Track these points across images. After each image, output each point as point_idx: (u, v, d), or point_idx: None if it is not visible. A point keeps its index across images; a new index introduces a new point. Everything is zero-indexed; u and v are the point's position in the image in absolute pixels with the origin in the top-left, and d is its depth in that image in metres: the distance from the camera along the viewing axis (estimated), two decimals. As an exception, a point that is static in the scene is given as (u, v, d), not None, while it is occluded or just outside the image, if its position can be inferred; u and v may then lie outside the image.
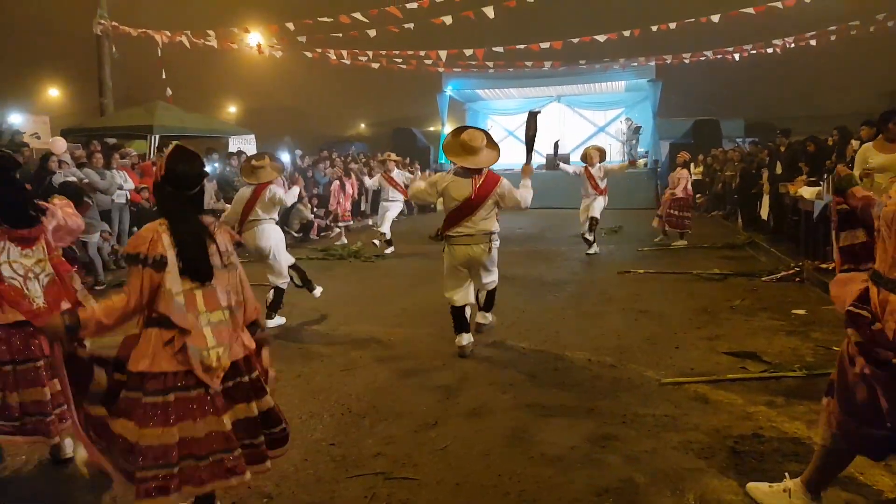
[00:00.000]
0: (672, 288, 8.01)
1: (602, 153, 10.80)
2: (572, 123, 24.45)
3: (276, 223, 6.65)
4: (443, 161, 24.00)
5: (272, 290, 6.56)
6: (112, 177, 9.54)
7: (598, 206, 10.54)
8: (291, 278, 6.85)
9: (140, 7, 19.27)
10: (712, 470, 3.40)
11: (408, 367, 5.21)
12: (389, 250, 11.32)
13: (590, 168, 10.53)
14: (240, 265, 2.86)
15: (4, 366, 3.37)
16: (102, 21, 15.15)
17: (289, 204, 7.04)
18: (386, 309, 7.22)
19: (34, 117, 16.42)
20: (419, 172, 13.92)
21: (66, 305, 3.49)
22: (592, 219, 10.61)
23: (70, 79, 31.69)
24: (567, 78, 21.57)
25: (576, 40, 16.36)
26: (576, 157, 21.82)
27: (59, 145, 9.67)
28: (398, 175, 11.46)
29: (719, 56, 17.90)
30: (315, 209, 14.06)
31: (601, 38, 16.12)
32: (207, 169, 9.24)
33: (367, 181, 12.43)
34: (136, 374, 2.58)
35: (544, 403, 4.36)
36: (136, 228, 10.12)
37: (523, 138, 5.94)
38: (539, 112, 5.93)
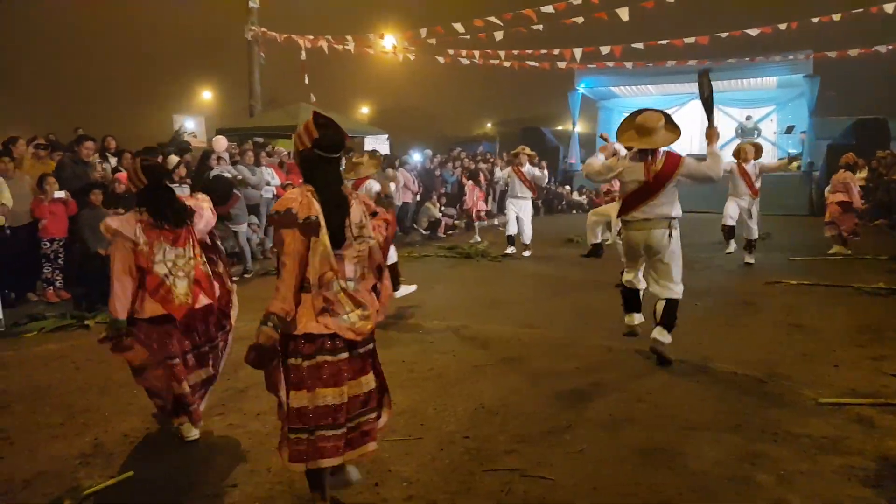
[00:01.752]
0: (828, 301, 7.35)
1: (758, 149, 9.90)
2: (716, 122, 23.11)
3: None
4: (572, 160, 23.61)
5: None
6: (261, 173, 10.23)
7: (741, 209, 9.77)
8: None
9: (285, 14, 20.46)
10: (882, 501, 3.08)
11: (539, 368, 5.15)
12: (510, 249, 11.10)
13: (743, 164, 9.65)
14: (373, 241, 2.88)
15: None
16: (253, 28, 16.28)
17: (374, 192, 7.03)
18: (517, 310, 7.18)
19: (192, 118, 17.99)
20: (547, 171, 13.67)
21: (205, 301, 3.77)
22: (728, 227, 9.93)
23: (220, 82, 34.37)
24: (712, 73, 20.43)
25: (724, 35, 15.39)
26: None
27: (221, 143, 10.54)
28: (529, 171, 11.05)
29: (890, 47, 16.14)
30: (443, 208, 14.30)
31: (753, 32, 15.07)
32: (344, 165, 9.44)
33: (497, 172, 12.32)
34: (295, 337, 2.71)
35: (685, 415, 4.15)
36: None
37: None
38: (710, 69, 5.57)
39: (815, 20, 14.45)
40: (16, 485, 3.35)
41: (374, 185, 6.77)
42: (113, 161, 8.80)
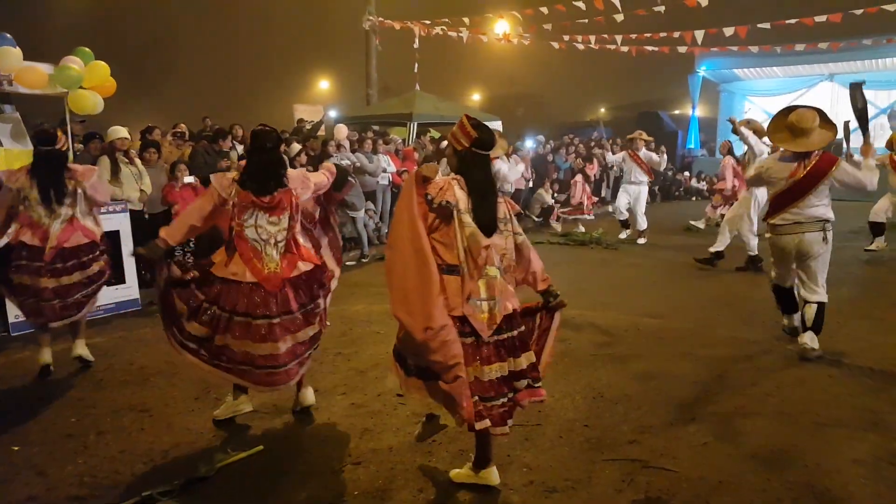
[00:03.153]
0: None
1: None
2: (848, 106, 21.45)
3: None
4: (690, 146, 22.69)
5: None
6: (378, 160, 10.59)
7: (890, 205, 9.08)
8: None
9: (399, 1, 20.88)
10: None
11: (660, 358, 5.11)
12: (623, 234, 10.95)
13: (895, 155, 9.00)
14: (522, 236, 3.11)
15: (237, 316, 3.55)
16: (370, 17, 16.77)
17: (511, 180, 7.07)
18: (634, 298, 7.11)
19: (310, 107, 18.75)
20: (665, 156, 13.25)
21: (295, 272, 3.69)
22: (874, 224, 9.31)
23: (338, 71, 35.65)
24: (844, 54, 18.93)
25: (859, 12, 14.25)
26: (855, 144, 19.24)
27: (342, 132, 11.03)
28: (645, 155, 10.82)
29: None
30: (556, 194, 14.21)
31: (891, 7, 13.85)
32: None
33: (610, 156, 12.09)
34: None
35: (818, 412, 4.01)
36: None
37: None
38: (863, 83, 5.28)
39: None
40: (155, 454, 3.57)
41: (503, 166, 6.77)
42: (240, 149, 9.22)
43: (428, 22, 16.22)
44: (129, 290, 6.88)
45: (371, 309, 6.65)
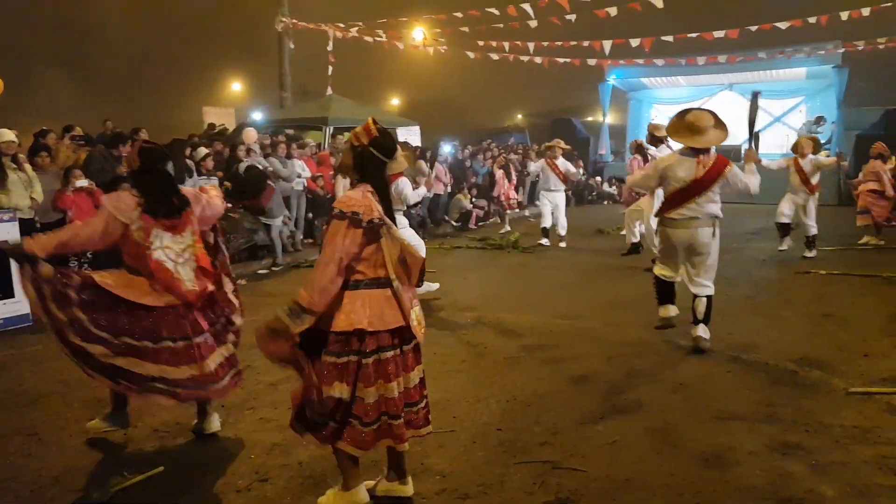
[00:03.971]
0: (859, 291, 7.33)
1: (816, 143, 9.70)
2: (746, 113, 22.82)
3: (403, 213, 6.76)
4: (602, 152, 23.45)
5: None
6: (293, 165, 10.35)
7: (796, 205, 9.55)
8: None
9: (316, 3, 20.57)
10: (915, 491, 3.10)
11: (572, 359, 5.21)
12: (545, 241, 11.11)
13: (799, 160, 9.46)
14: (404, 240, 3.00)
15: (163, 341, 3.46)
16: (284, 19, 16.44)
17: (411, 202, 6.90)
18: (549, 301, 7.24)
19: (220, 110, 18.18)
20: (582, 169, 13.61)
21: (210, 288, 3.64)
22: (781, 225, 9.77)
23: (251, 74, 34.69)
24: (742, 65, 20.14)
25: (754, 28, 15.21)
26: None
27: (251, 135, 10.68)
28: (563, 164, 11.12)
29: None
30: (474, 199, 14.35)
31: (782, 25, 14.87)
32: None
33: (531, 165, 12.30)
34: (350, 333, 2.76)
35: (718, 406, 4.19)
36: (310, 215, 10.94)
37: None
38: (760, 93, 5.72)
39: (845, 16, 14.19)
40: (44, 481, 3.33)
41: (407, 187, 6.61)
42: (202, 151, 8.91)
43: (342, 25, 16.06)
44: (19, 304, 6.40)
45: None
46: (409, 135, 15.17)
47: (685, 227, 5.13)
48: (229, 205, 9.69)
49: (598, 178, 21.73)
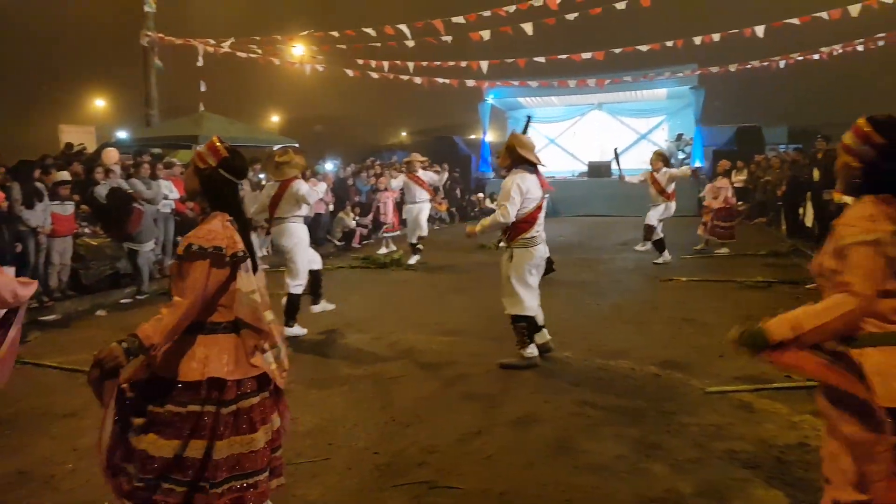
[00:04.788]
0: (716, 296, 7.90)
1: (663, 157, 10.54)
2: (614, 131, 24.26)
3: (304, 223, 6.61)
4: (483, 170, 24.05)
5: (286, 297, 6.43)
6: (158, 186, 9.74)
7: (660, 212, 10.30)
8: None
9: (185, 17, 19.74)
10: (758, 480, 3.36)
11: (451, 375, 5.23)
12: (414, 259, 11.01)
13: (654, 174, 10.30)
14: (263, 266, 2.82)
15: None
16: (149, 33, 15.63)
17: (311, 202, 6.63)
18: (430, 317, 7.25)
19: (80, 128, 16.92)
20: (447, 173, 13.79)
21: None
22: (648, 226, 10.44)
23: (116, 90, 32.71)
24: (609, 87, 21.43)
25: (618, 51, 16.25)
26: (616, 166, 21.73)
27: (112, 156, 9.99)
28: (424, 175, 11.22)
29: (765, 63, 17.60)
30: (357, 217, 14.21)
31: (644, 48, 15.99)
32: (252, 178, 9.26)
33: (392, 182, 12.34)
34: (197, 383, 2.45)
35: (588, 413, 4.34)
36: (179, 238, 10.33)
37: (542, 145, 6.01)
38: (531, 117, 6.04)
39: (698, 40, 15.52)
40: None
41: (303, 186, 6.36)
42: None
43: (213, 41, 15.48)
44: None
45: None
46: (288, 153, 14.82)
47: (542, 241, 5.37)
48: (87, 230, 9.03)
49: (481, 195, 22.23)
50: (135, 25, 15.90)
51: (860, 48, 16.33)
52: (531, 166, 5.29)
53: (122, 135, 15.59)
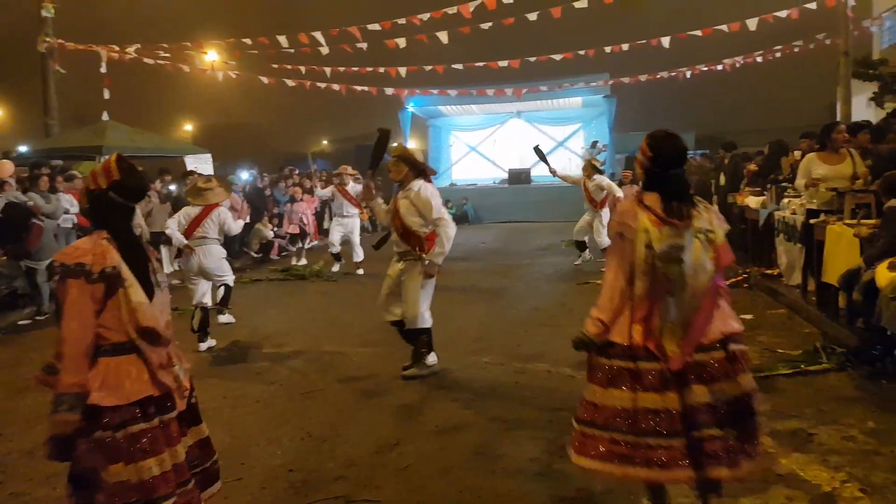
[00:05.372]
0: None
1: (593, 165, 10.57)
2: (533, 138, 24.78)
3: (221, 244, 6.84)
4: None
5: (222, 287, 6.89)
6: (57, 200, 9.22)
7: (597, 227, 10.25)
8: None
9: (87, 22, 18.82)
10: (667, 476, 3.46)
11: (370, 387, 5.19)
12: (336, 267, 10.95)
13: (586, 181, 10.35)
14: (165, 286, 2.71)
15: None
16: (48, 39, 14.79)
17: (234, 233, 7.05)
18: (350, 329, 7.17)
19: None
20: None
21: None
22: (580, 243, 10.60)
23: (15, 99, 30.84)
24: (526, 94, 21.92)
25: (533, 59, 16.67)
26: (536, 172, 22.22)
27: (7, 168, 9.35)
28: (353, 188, 11.07)
29: (673, 73, 18.49)
30: (275, 228, 13.88)
31: (557, 57, 16.47)
32: (161, 189, 9.07)
33: (320, 191, 12.16)
34: (111, 408, 2.37)
35: (506, 417, 4.39)
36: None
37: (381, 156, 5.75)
38: (389, 130, 5.75)
39: (608, 50, 16.15)
40: None
41: (228, 217, 6.68)
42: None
43: (116, 47, 14.79)
44: None
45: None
46: (200, 163, 14.34)
47: None
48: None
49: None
50: (34, 31, 15.01)
51: (759, 59, 17.42)
52: (426, 177, 5.27)
53: (23, 148, 14.61)
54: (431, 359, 5.38)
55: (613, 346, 2.71)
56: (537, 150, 10.60)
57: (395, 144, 5.60)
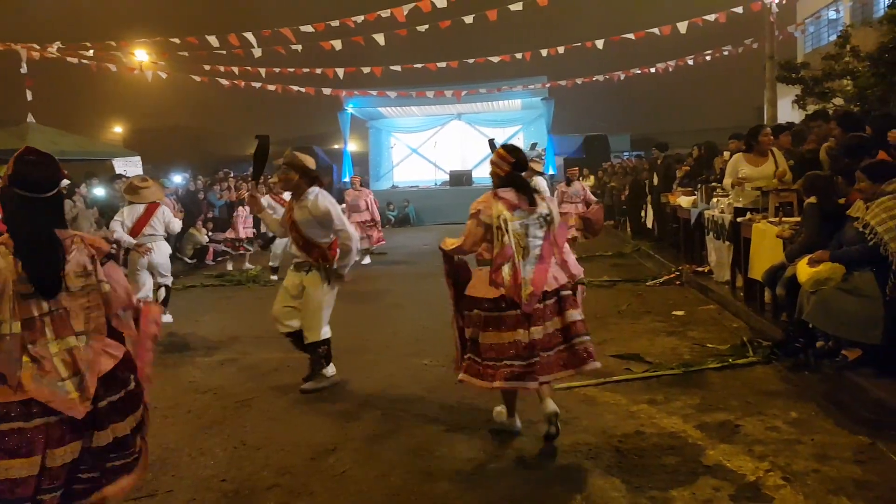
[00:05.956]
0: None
1: (532, 169, 10.70)
2: (473, 141, 24.96)
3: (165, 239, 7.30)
4: (346, 179, 23.85)
5: (162, 288, 7.30)
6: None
7: None
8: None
9: (5, 21, 17.96)
10: (598, 470, 3.53)
11: (308, 394, 5.07)
12: (274, 276, 10.62)
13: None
14: (107, 286, 2.59)
15: None
16: (-38, 37, 14.01)
17: (177, 230, 7.36)
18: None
19: None
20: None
21: None
22: None
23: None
24: (466, 97, 22.06)
25: (471, 61, 16.80)
26: (478, 174, 22.38)
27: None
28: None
29: (608, 76, 18.94)
30: (210, 233, 13.52)
31: (495, 59, 16.64)
32: (86, 193, 8.76)
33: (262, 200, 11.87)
34: None
35: (444, 419, 4.38)
36: None
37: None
38: (267, 136, 5.31)
39: (545, 52, 16.42)
40: None
41: (169, 214, 7.07)
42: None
43: (37, 46, 14.13)
44: None
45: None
46: (129, 165, 13.85)
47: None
48: None
49: (343, 206, 22.07)
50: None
51: (691, 62, 18.05)
52: (320, 183, 5.09)
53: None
54: (330, 370, 5.22)
55: (483, 301, 3.75)
56: (492, 143, 10.67)
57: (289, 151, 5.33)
